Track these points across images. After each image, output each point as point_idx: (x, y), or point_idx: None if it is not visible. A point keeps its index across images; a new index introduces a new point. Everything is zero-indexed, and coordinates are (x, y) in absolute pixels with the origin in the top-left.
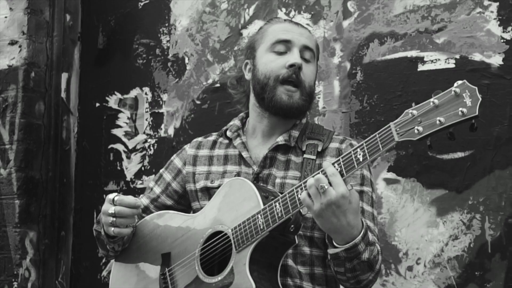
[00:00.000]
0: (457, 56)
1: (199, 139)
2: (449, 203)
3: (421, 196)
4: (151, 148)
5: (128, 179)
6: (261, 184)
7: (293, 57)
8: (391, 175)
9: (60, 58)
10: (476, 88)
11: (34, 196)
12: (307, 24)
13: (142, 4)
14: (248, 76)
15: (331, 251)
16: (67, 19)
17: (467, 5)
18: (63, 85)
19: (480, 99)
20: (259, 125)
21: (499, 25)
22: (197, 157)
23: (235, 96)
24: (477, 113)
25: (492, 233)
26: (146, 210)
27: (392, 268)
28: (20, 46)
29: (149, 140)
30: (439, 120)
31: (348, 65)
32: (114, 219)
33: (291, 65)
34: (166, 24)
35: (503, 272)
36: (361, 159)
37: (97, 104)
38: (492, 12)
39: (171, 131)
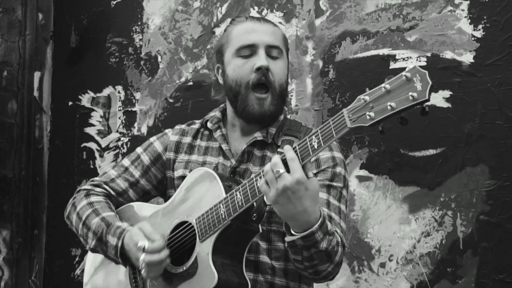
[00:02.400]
0: (429, 54)
1: (182, 126)
2: (421, 200)
3: (393, 193)
4: (124, 146)
5: None
6: (228, 175)
7: (259, 59)
8: (364, 173)
9: (33, 57)
10: (427, 72)
11: (7, 194)
12: (279, 23)
13: (114, 2)
14: (221, 80)
15: (288, 238)
16: (39, 17)
17: (438, 4)
18: (36, 84)
19: (430, 83)
20: (237, 122)
21: (470, 23)
22: (180, 144)
23: (220, 99)
24: (427, 97)
25: (464, 230)
26: (124, 194)
27: (365, 265)
28: None
29: (122, 138)
30: (390, 105)
31: (320, 63)
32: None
33: (258, 68)
34: (139, 23)
35: (474, 268)
36: (316, 146)
37: (70, 103)
38: (463, 10)
39: (144, 130)
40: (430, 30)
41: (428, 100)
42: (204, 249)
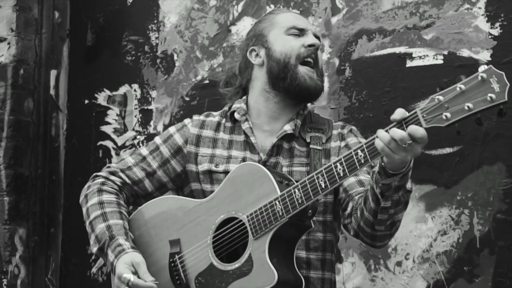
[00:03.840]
0: (445, 52)
1: (201, 117)
2: (438, 198)
3: None
4: (140, 144)
5: None
6: (275, 169)
7: (312, 38)
8: None
9: (49, 55)
10: (504, 73)
11: (23, 193)
12: None
13: (130, 1)
14: (256, 61)
15: (386, 181)
16: (55, 16)
17: (455, 1)
18: (52, 82)
19: (508, 84)
20: (265, 110)
21: (487, 21)
22: (200, 137)
23: (228, 92)
24: (506, 99)
25: (481, 228)
26: (139, 183)
27: (381, 264)
28: (9, 43)
29: (138, 136)
30: (468, 106)
31: (337, 61)
32: None
33: (310, 45)
34: (155, 21)
35: (491, 267)
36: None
37: (86, 101)
38: (480, 8)
39: (160, 128)
40: (447, 28)
41: (507, 101)
42: (259, 247)
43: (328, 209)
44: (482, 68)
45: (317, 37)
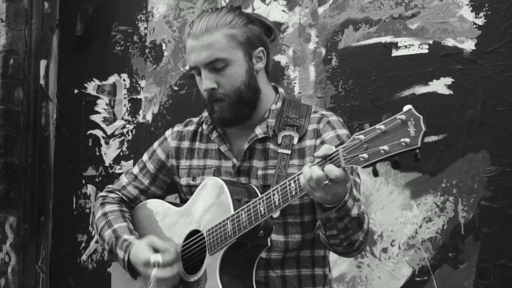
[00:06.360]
0: (431, 42)
1: (180, 127)
2: (423, 186)
3: (396, 179)
4: (130, 133)
5: (106, 164)
6: (240, 182)
7: (203, 82)
8: None
9: (39, 45)
10: (421, 117)
11: (14, 181)
12: (283, 11)
13: None
14: None
15: (323, 215)
16: (45, 6)
17: None
18: (42, 72)
19: (424, 129)
20: None
21: (472, 11)
22: (179, 150)
23: None
24: (419, 145)
25: (465, 215)
26: (136, 200)
27: (367, 250)
28: None
29: (127, 126)
30: (383, 149)
31: (323, 50)
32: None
33: (205, 90)
34: (144, 11)
35: (476, 254)
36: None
37: (76, 91)
38: None
39: (149, 117)
40: (432, 17)
41: (420, 147)
42: (212, 263)
43: (305, 210)
44: (405, 108)
45: (212, 61)
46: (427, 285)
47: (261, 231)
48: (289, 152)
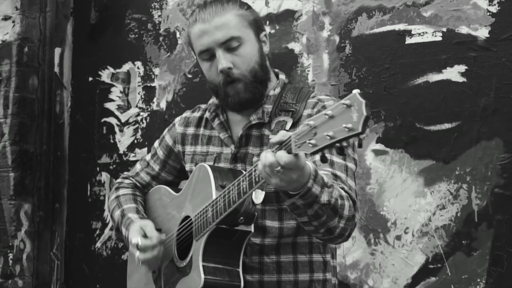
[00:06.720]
0: (444, 29)
1: (187, 114)
2: (437, 173)
3: (409, 166)
4: (144, 121)
5: (121, 152)
6: (228, 168)
7: (219, 62)
8: (380, 146)
9: (53, 33)
10: (364, 101)
11: (29, 169)
12: None
13: None
14: None
15: (288, 202)
16: None
17: None
18: (56, 60)
19: (365, 114)
20: None
21: None
22: (185, 136)
23: None
24: (360, 130)
25: (479, 203)
26: (148, 186)
27: (381, 238)
28: (13, 22)
29: (141, 113)
30: (328, 135)
31: (337, 38)
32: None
33: (221, 71)
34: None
35: (489, 241)
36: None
37: (90, 79)
38: None
39: (163, 105)
40: (446, 5)
41: (361, 133)
42: (197, 249)
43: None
44: (353, 92)
45: (227, 40)
46: (440, 272)
47: (241, 217)
48: None
